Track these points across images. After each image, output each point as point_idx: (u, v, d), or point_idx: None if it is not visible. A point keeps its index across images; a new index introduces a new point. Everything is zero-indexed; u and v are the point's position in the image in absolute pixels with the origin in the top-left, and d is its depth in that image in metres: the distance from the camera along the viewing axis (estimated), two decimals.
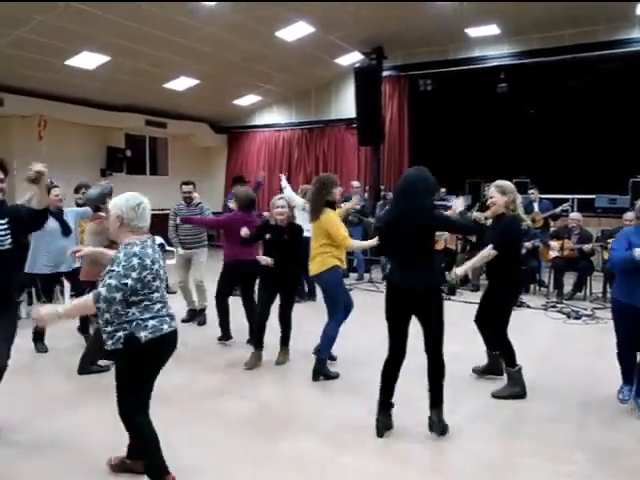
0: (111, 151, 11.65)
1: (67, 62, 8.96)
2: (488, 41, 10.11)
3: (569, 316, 6.73)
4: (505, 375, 4.30)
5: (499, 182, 4.31)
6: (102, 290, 2.63)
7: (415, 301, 3.45)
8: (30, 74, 9.13)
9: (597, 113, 9.89)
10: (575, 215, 7.98)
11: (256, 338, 4.91)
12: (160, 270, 2.80)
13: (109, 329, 2.73)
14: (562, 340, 5.84)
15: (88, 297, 2.70)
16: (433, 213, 3.52)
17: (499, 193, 4.19)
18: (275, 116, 13.46)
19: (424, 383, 3.58)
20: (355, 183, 9.87)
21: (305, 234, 7.58)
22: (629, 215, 7.60)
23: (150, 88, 10.69)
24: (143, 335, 2.71)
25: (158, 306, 2.80)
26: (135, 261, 2.66)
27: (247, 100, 12.76)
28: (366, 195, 10.38)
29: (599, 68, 9.70)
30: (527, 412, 3.96)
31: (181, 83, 10.82)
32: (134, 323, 2.72)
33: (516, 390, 4.17)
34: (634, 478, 3.08)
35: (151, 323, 2.74)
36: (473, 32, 9.80)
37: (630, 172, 9.21)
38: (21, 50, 8.26)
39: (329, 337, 4.61)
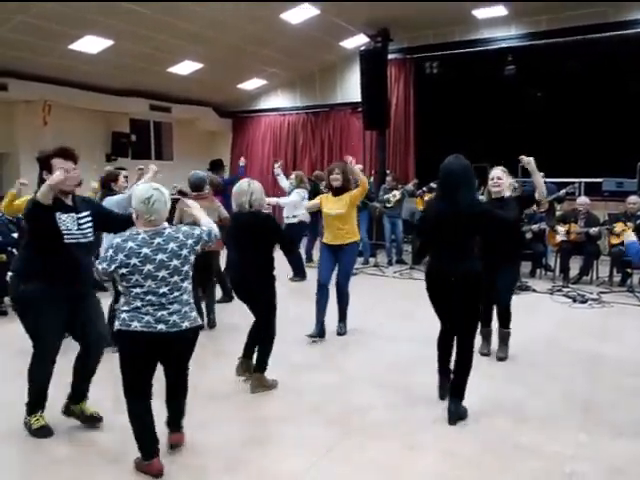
0: (116, 136, 11.62)
1: (70, 46, 8.92)
2: (495, 23, 9.97)
3: (575, 300, 6.71)
4: (501, 337, 4.74)
5: (501, 167, 4.64)
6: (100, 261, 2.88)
7: (456, 288, 3.51)
8: (34, 59, 9.09)
9: (604, 96, 9.77)
10: (583, 199, 7.89)
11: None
12: (146, 267, 2.77)
13: None
14: (568, 324, 5.84)
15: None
16: (483, 208, 3.68)
17: (505, 176, 4.51)
18: (280, 100, 13.38)
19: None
20: (358, 166, 9.81)
21: (292, 220, 7.83)
22: (632, 198, 7.58)
23: (154, 72, 10.63)
24: (116, 324, 2.87)
25: (138, 303, 2.80)
26: (110, 252, 2.81)
27: (252, 84, 12.67)
28: (371, 179, 10.34)
29: (608, 50, 9.56)
30: (531, 394, 3.97)
31: (185, 67, 10.75)
32: (117, 312, 2.91)
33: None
34: (637, 461, 3.09)
35: (123, 315, 2.83)
36: (480, 13, 9.66)
37: (638, 155, 9.12)
38: (24, 35, 8.22)
39: None
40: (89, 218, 3.34)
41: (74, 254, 3.23)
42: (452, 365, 3.70)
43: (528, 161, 4.24)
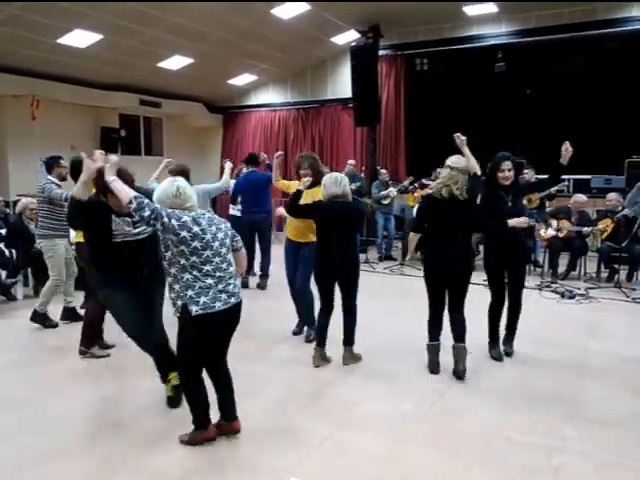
0: (105, 131, 11.54)
1: (59, 40, 8.84)
2: (486, 19, 10.02)
3: (563, 296, 6.77)
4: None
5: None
6: (147, 200, 2.80)
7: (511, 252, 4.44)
8: (22, 52, 9.00)
9: (593, 93, 9.84)
10: (580, 197, 7.90)
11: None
12: (215, 243, 2.90)
13: (172, 295, 2.92)
14: (556, 319, 5.90)
15: (132, 192, 2.83)
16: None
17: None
18: (271, 96, 13.36)
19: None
20: (350, 161, 9.84)
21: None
22: (610, 195, 7.69)
23: (144, 67, 10.58)
24: (194, 309, 2.83)
25: (210, 281, 2.87)
26: (185, 218, 2.82)
27: (242, 79, 12.64)
28: (362, 175, 10.35)
29: (597, 47, 9.64)
30: (520, 388, 4.01)
31: (175, 62, 10.70)
32: (188, 295, 2.84)
33: None
34: (626, 453, 3.14)
35: (202, 300, 2.83)
36: (471, 10, 9.70)
37: (625, 153, 9.21)
38: (12, 28, 8.13)
39: None
40: None
41: (125, 252, 3.37)
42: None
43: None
